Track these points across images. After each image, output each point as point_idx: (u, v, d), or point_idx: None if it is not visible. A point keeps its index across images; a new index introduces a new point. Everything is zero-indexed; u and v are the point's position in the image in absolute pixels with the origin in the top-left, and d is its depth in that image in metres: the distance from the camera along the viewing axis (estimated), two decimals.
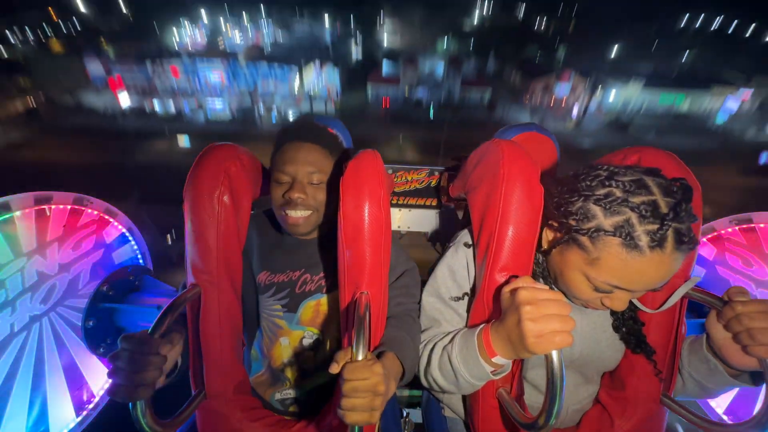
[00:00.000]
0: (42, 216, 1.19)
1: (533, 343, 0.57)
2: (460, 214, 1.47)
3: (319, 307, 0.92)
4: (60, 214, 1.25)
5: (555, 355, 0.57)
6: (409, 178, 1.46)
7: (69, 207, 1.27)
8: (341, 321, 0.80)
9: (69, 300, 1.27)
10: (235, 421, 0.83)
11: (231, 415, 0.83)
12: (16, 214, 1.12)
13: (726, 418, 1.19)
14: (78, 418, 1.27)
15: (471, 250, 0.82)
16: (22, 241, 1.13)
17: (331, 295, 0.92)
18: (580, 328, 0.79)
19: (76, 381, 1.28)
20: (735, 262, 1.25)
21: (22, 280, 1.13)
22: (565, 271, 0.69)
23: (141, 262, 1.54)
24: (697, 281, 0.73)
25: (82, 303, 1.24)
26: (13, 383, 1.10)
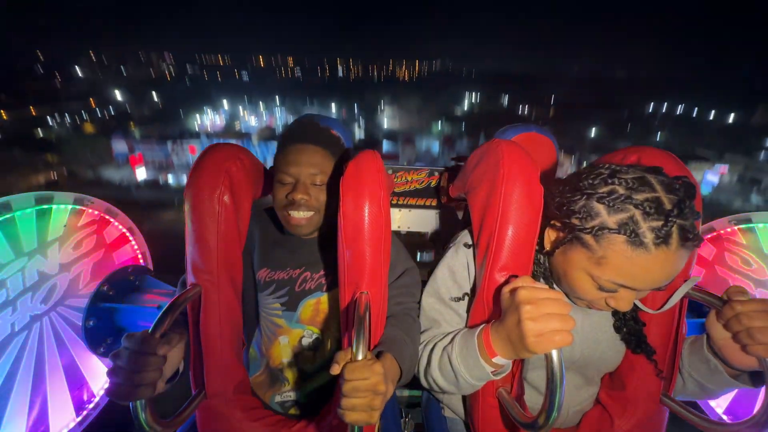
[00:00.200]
0: (43, 216, 1.19)
1: (533, 342, 0.57)
2: (460, 214, 1.47)
3: (319, 305, 0.92)
4: (61, 214, 1.25)
5: (555, 354, 0.57)
6: (409, 179, 1.47)
7: (70, 207, 1.27)
8: (341, 320, 0.80)
9: (69, 300, 1.27)
10: (235, 421, 0.83)
11: (231, 414, 0.83)
12: (17, 214, 1.12)
13: (726, 418, 1.19)
14: (78, 418, 1.27)
15: (471, 250, 0.82)
16: (23, 240, 1.13)
17: (331, 293, 0.92)
18: (581, 328, 0.79)
19: (76, 381, 1.28)
20: (734, 262, 1.25)
21: (23, 279, 1.13)
22: (569, 271, 0.68)
23: (141, 262, 1.54)
24: (697, 281, 0.73)
25: (83, 303, 1.25)
26: (13, 383, 1.10)
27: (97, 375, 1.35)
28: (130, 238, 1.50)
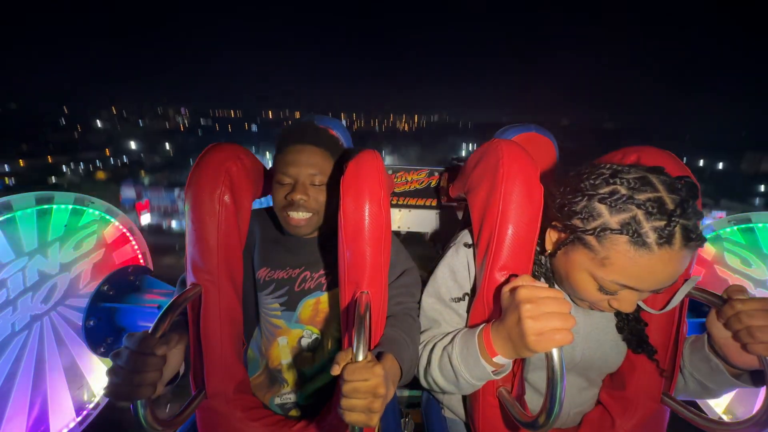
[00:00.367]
0: (43, 216, 1.19)
1: (534, 341, 0.57)
2: (460, 214, 1.47)
3: (319, 305, 0.92)
4: (61, 214, 1.25)
5: (555, 353, 0.56)
6: (409, 179, 1.47)
7: (70, 207, 1.27)
8: (341, 321, 0.80)
9: (70, 299, 1.27)
10: (235, 421, 0.83)
11: (231, 414, 0.83)
12: (18, 214, 1.12)
13: (725, 417, 1.19)
14: (78, 418, 1.27)
15: (471, 250, 0.81)
16: (24, 240, 1.14)
17: (330, 293, 0.92)
18: (583, 329, 0.78)
19: (76, 380, 1.28)
20: (734, 262, 1.25)
21: (24, 279, 1.14)
22: (571, 273, 0.67)
23: (141, 262, 1.54)
24: (698, 280, 0.73)
25: (83, 302, 1.24)
26: (13, 382, 1.10)
27: (97, 375, 1.35)
28: (131, 238, 1.50)
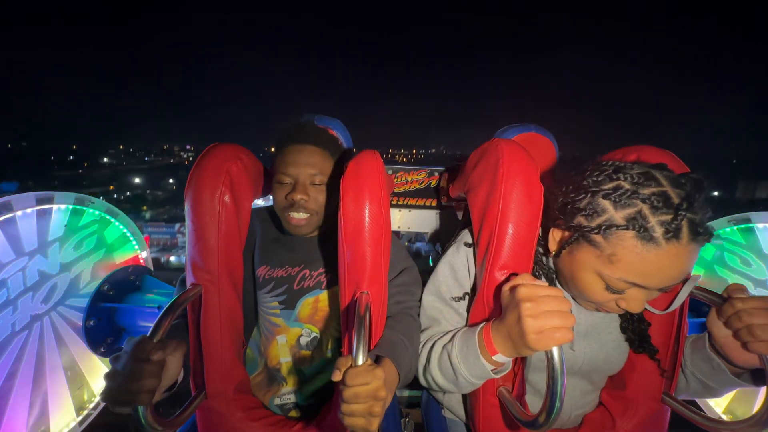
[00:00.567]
0: (44, 215, 1.19)
1: (534, 339, 0.57)
2: (460, 214, 1.47)
3: (318, 303, 0.92)
4: (61, 213, 1.25)
5: (555, 351, 0.56)
6: (409, 179, 1.47)
7: (71, 207, 1.27)
8: (341, 320, 0.80)
9: (70, 299, 1.27)
10: (235, 421, 0.83)
11: (231, 414, 0.83)
12: (18, 214, 1.12)
13: (725, 417, 1.19)
14: (78, 418, 1.27)
15: (471, 249, 0.81)
16: (24, 240, 1.14)
17: (330, 291, 0.92)
18: (585, 330, 0.78)
19: (76, 380, 1.28)
20: (733, 262, 1.25)
21: (24, 279, 1.14)
22: (577, 273, 0.66)
23: (142, 262, 1.54)
24: (699, 279, 0.73)
25: (83, 302, 1.25)
26: (14, 382, 1.10)
27: (97, 375, 1.35)
28: (131, 238, 1.50)
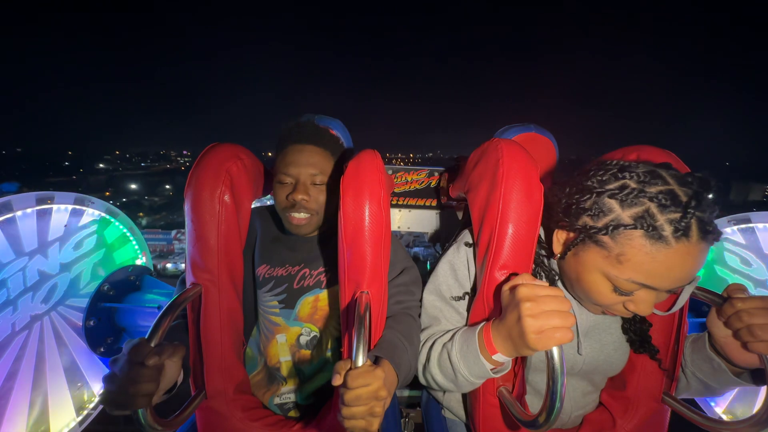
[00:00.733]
0: (44, 215, 1.19)
1: (534, 339, 0.57)
2: (460, 214, 1.47)
3: (318, 302, 0.92)
4: (61, 213, 1.25)
5: (555, 351, 0.56)
6: (409, 179, 1.47)
7: (70, 207, 1.27)
8: (341, 320, 0.80)
9: (70, 299, 1.27)
10: (235, 421, 0.83)
11: (231, 414, 0.83)
12: (18, 214, 1.12)
13: (725, 417, 1.19)
14: (78, 418, 1.27)
15: (471, 249, 0.81)
16: (24, 240, 1.14)
17: (329, 290, 0.92)
18: (586, 331, 0.78)
19: (76, 380, 1.28)
20: (733, 262, 1.25)
21: (24, 279, 1.14)
22: (583, 275, 0.65)
23: (142, 261, 1.54)
24: (699, 279, 0.73)
25: (83, 302, 1.25)
26: (14, 382, 1.10)
27: (98, 375, 1.35)
28: (131, 238, 1.50)
